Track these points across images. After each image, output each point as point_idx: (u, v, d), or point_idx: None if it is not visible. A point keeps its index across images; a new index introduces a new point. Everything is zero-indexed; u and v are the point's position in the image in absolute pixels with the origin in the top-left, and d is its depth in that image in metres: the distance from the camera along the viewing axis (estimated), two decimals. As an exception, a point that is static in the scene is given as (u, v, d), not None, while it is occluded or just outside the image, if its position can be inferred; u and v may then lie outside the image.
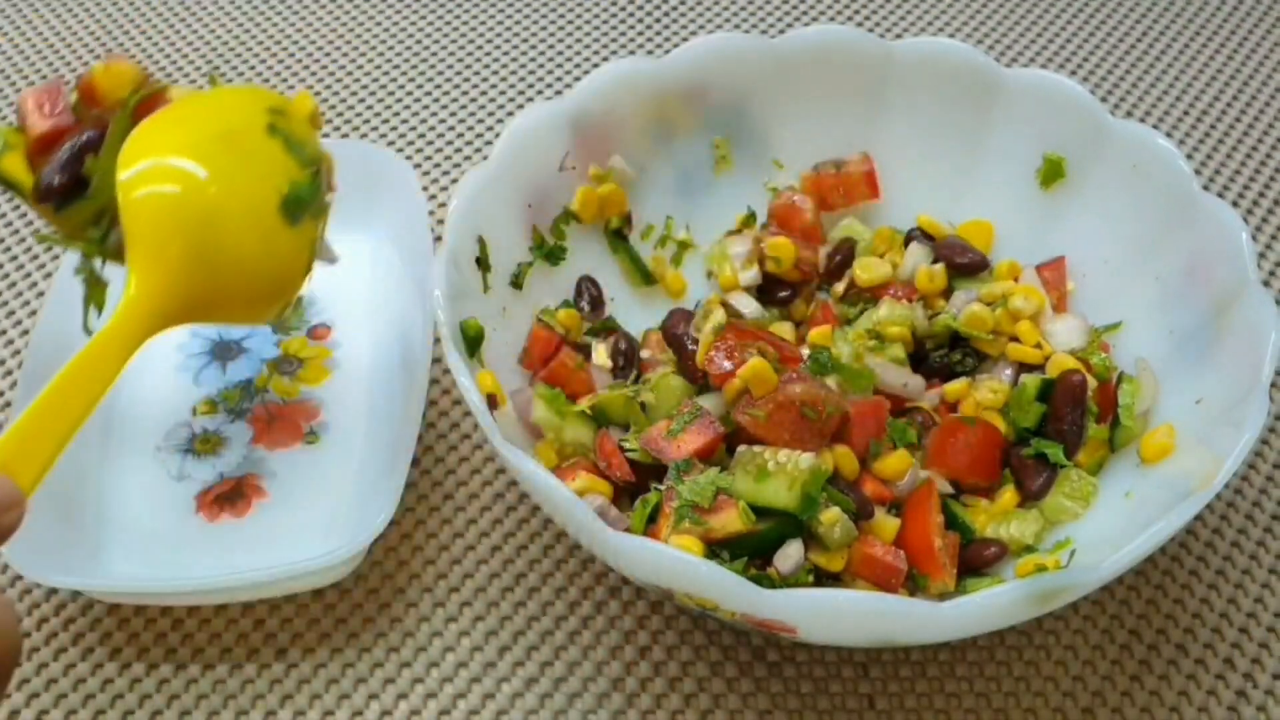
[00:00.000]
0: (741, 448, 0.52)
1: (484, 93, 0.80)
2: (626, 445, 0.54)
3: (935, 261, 0.60)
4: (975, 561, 0.53)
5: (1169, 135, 0.76)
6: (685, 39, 0.82)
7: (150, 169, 0.47)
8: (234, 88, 0.52)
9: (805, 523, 0.50)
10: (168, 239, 0.46)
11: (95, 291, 0.52)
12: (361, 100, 0.79)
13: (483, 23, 0.84)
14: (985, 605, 0.43)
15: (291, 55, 0.82)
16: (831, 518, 0.50)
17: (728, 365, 0.54)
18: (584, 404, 0.55)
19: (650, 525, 0.51)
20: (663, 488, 0.51)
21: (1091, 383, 0.55)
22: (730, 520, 0.49)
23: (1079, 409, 0.54)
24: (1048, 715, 0.53)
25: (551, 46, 0.83)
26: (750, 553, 0.50)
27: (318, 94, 0.79)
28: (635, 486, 0.54)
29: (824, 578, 0.51)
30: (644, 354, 0.59)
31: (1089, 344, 0.58)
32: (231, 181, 0.48)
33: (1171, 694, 0.54)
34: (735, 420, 0.53)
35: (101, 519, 0.57)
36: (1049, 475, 0.55)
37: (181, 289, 0.46)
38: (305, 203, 0.50)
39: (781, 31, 0.81)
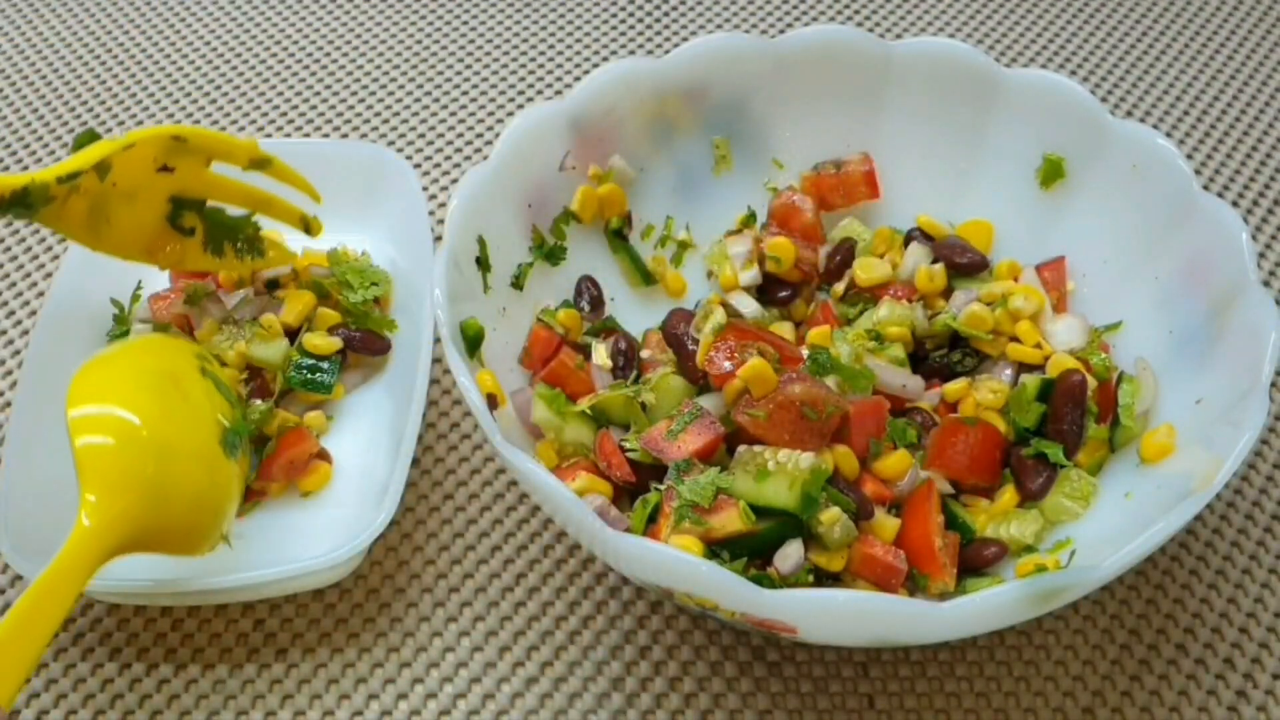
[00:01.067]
0: (741, 448, 0.52)
1: (484, 93, 0.80)
2: (627, 445, 0.54)
3: (935, 262, 0.60)
4: (975, 561, 0.53)
5: (1169, 135, 0.76)
6: (685, 39, 0.82)
7: (100, 415, 0.50)
8: (159, 335, 0.58)
9: (805, 523, 0.50)
10: (122, 477, 0.49)
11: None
12: (361, 100, 0.79)
13: (483, 23, 0.84)
14: (985, 605, 0.43)
15: (291, 55, 0.82)
16: (831, 517, 0.50)
17: (728, 366, 0.54)
18: (584, 404, 0.55)
19: (650, 525, 0.51)
20: (662, 488, 0.51)
21: (1091, 382, 0.55)
22: (730, 520, 0.49)
23: (1079, 409, 0.54)
24: (1048, 715, 0.53)
25: (551, 46, 0.83)
26: (750, 553, 0.50)
27: (318, 94, 0.79)
28: (635, 487, 0.54)
29: (824, 578, 0.51)
30: (644, 354, 0.59)
31: (1089, 344, 0.58)
32: (178, 421, 0.52)
33: (1171, 694, 0.54)
34: (735, 420, 0.53)
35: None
36: (1049, 475, 0.55)
37: (131, 523, 0.48)
38: (239, 436, 0.54)
39: (781, 31, 0.81)
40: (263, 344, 0.60)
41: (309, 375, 0.60)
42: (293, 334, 0.62)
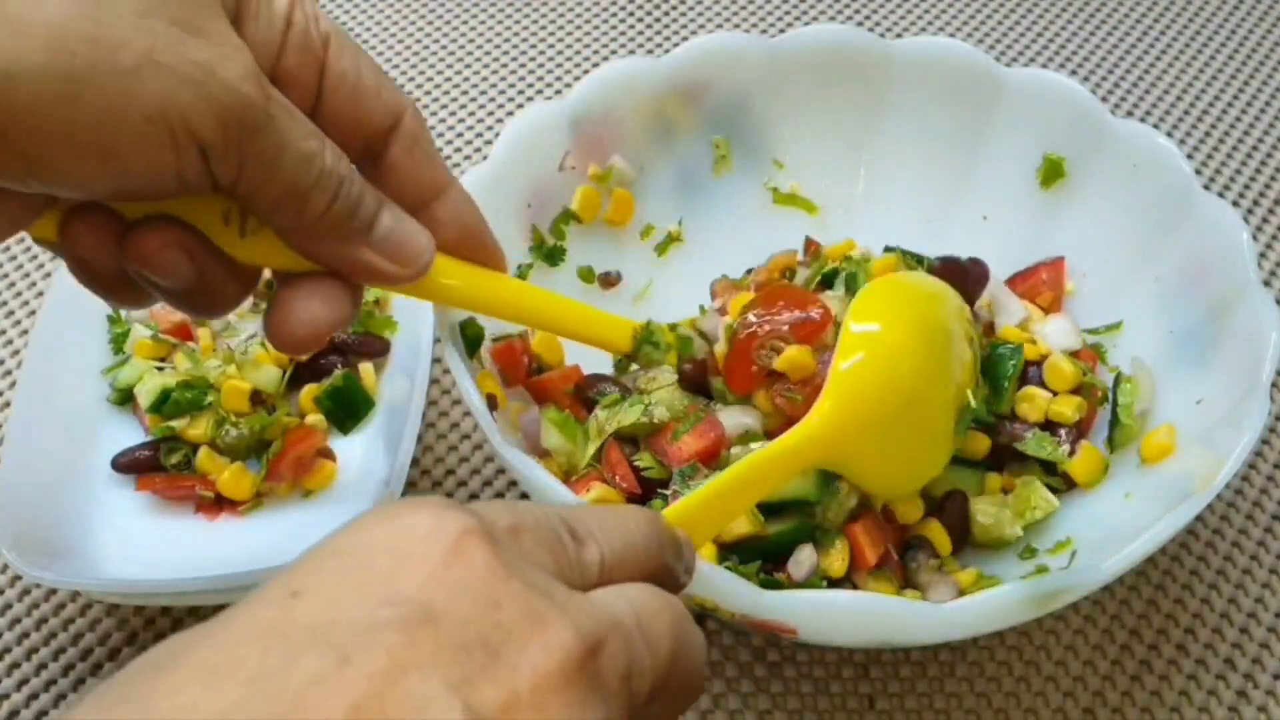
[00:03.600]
0: (737, 449, 0.51)
1: (484, 93, 0.80)
2: (641, 464, 0.53)
3: None
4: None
5: (1169, 135, 0.76)
6: (685, 39, 0.82)
7: (875, 335, 0.51)
8: (945, 285, 0.56)
9: (814, 527, 0.50)
10: (869, 399, 0.50)
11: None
12: (361, 100, 0.79)
13: (483, 22, 0.84)
14: (985, 606, 0.43)
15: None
16: (847, 493, 0.51)
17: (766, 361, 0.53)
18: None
19: None
20: (668, 494, 0.51)
21: (1068, 375, 0.56)
22: (739, 522, 0.49)
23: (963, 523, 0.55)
24: (1048, 715, 0.53)
25: (551, 46, 0.83)
26: (762, 557, 0.50)
27: (317, 94, 0.79)
28: (642, 497, 0.53)
29: (832, 584, 0.51)
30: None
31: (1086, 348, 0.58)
32: (935, 375, 0.51)
33: (1172, 694, 0.54)
34: (774, 403, 0.52)
35: (102, 519, 0.57)
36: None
37: (859, 434, 0.49)
38: (970, 420, 0.54)
39: (781, 31, 0.81)
40: (256, 369, 0.60)
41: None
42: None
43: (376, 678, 0.25)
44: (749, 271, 0.61)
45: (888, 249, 0.63)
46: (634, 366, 0.56)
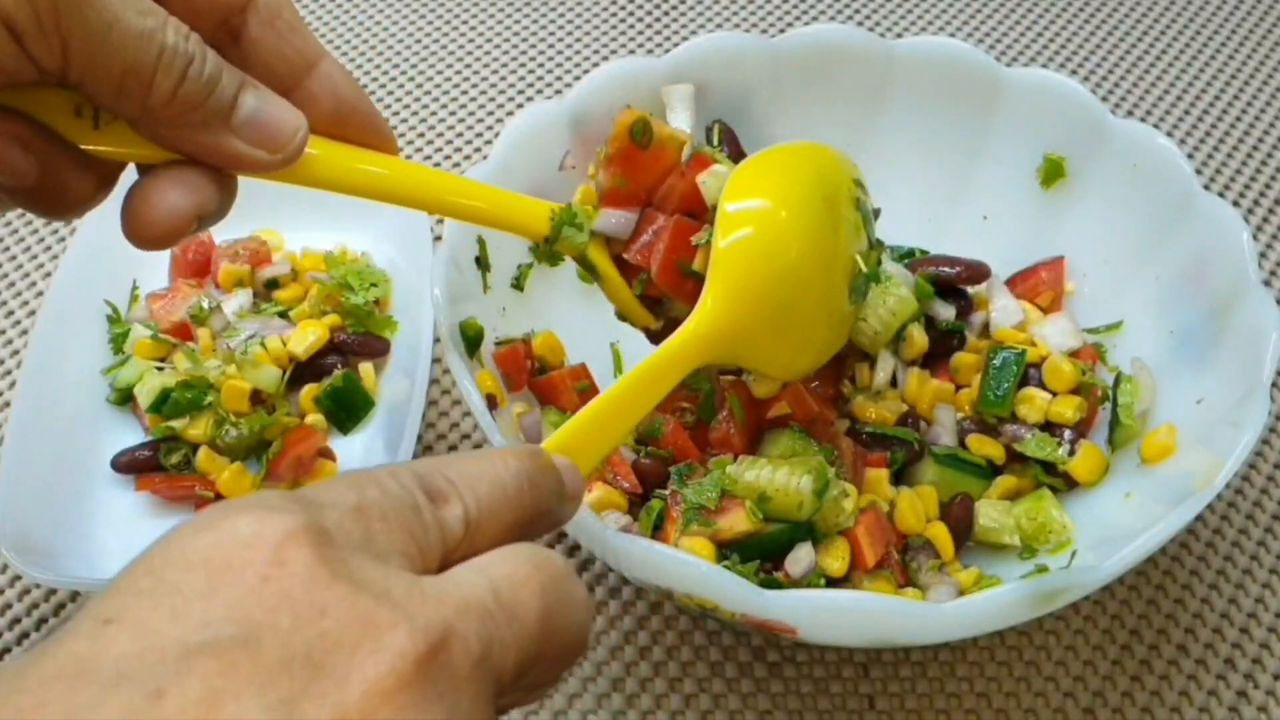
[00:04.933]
0: (742, 458, 0.51)
1: (484, 93, 0.80)
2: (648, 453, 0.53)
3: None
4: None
5: (1169, 135, 0.76)
6: (685, 39, 0.82)
7: (754, 210, 0.48)
8: (828, 147, 0.54)
9: (813, 525, 0.50)
10: (749, 281, 0.47)
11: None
12: (361, 100, 0.79)
13: (483, 22, 0.84)
14: (986, 606, 0.43)
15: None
16: (841, 493, 0.50)
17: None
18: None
19: (656, 533, 0.51)
20: (666, 493, 0.51)
21: (1067, 376, 0.56)
22: (738, 520, 0.49)
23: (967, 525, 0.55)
24: (1048, 715, 0.53)
25: (551, 46, 0.83)
26: (760, 555, 0.50)
27: (317, 94, 0.79)
28: (643, 496, 0.53)
29: (832, 584, 0.51)
30: None
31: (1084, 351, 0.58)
32: (822, 243, 0.49)
33: (1172, 694, 0.54)
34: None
35: (102, 519, 0.57)
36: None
37: (747, 325, 0.47)
38: (867, 284, 0.51)
39: (781, 31, 0.81)
40: (255, 369, 0.59)
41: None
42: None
43: (190, 708, 0.24)
44: None
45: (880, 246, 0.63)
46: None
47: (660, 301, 0.50)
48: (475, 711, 0.27)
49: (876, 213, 0.54)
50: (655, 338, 0.51)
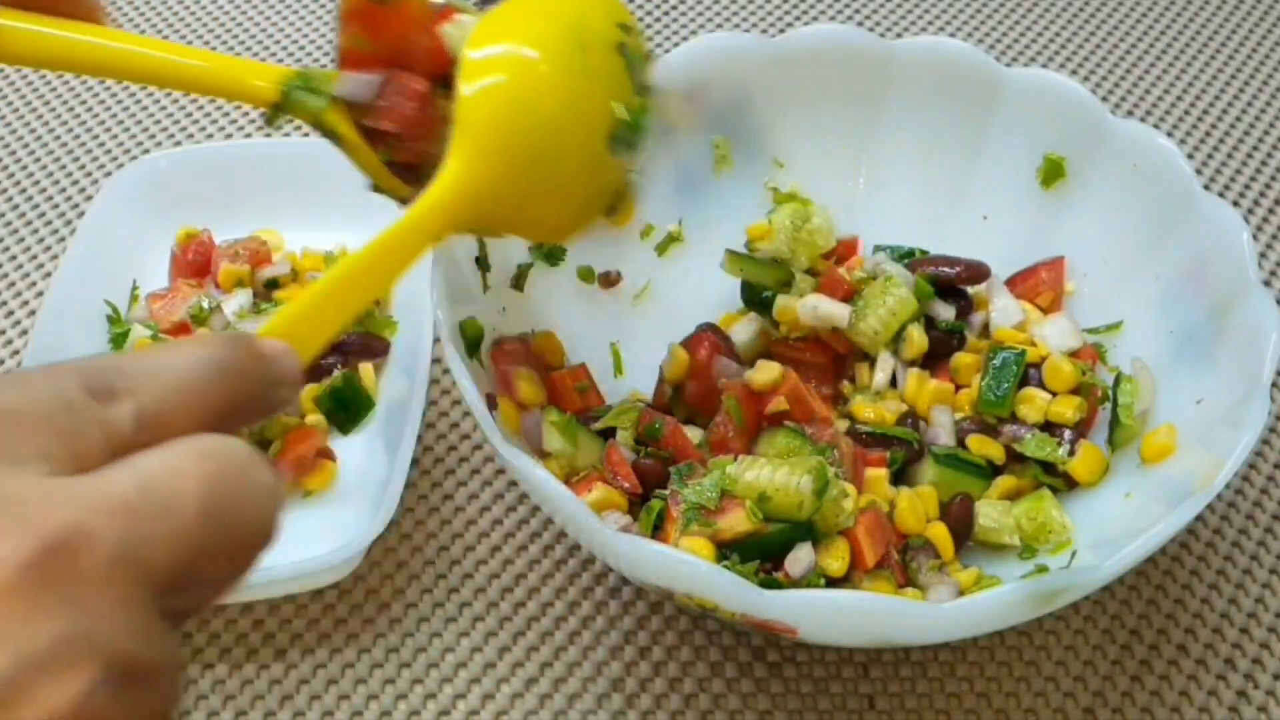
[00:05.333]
0: (743, 458, 0.51)
1: (484, 93, 0.79)
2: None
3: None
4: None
5: (1169, 135, 0.76)
6: (685, 39, 0.82)
7: (499, 58, 0.44)
8: None
9: (813, 524, 0.50)
10: (500, 136, 0.43)
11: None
12: (361, 100, 0.79)
13: (482, 23, 0.84)
14: (986, 606, 0.43)
15: (291, 55, 0.82)
16: (840, 493, 0.50)
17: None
18: (601, 424, 0.55)
19: (656, 533, 0.51)
20: (666, 493, 0.51)
21: (1067, 376, 0.56)
22: (738, 520, 0.49)
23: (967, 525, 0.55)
24: (1048, 715, 0.53)
25: (551, 46, 0.82)
26: (760, 555, 0.50)
27: (317, 94, 0.79)
28: (643, 496, 0.53)
29: (832, 584, 0.51)
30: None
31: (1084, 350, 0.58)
32: (573, 95, 0.44)
33: (1172, 694, 0.54)
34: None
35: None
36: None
37: (497, 187, 0.43)
38: (632, 135, 0.46)
39: (781, 31, 0.81)
40: None
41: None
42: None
43: None
44: None
45: (877, 248, 0.63)
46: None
47: (415, 168, 0.46)
48: (116, 617, 0.25)
49: (648, 55, 0.49)
50: None
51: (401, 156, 0.46)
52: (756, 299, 0.62)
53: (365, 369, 0.61)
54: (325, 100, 0.45)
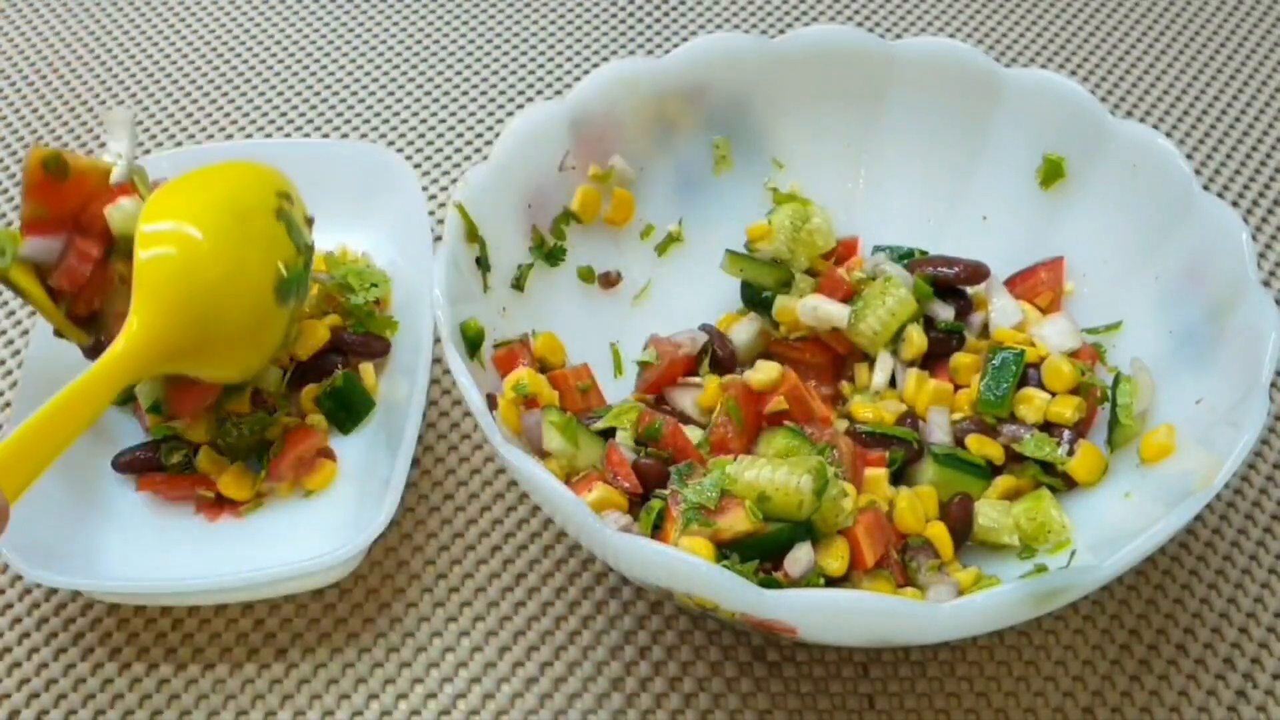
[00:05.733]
0: (743, 457, 0.52)
1: (484, 93, 0.80)
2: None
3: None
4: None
5: (1169, 135, 0.76)
6: (685, 39, 0.82)
7: (169, 232, 0.52)
8: (250, 164, 0.58)
9: (812, 524, 0.50)
10: (173, 297, 0.51)
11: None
12: (361, 100, 0.79)
13: (483, 23, 0.84)
14: (985, 605, 0.43)
15: (291, 55, 0.82)
16: (840, 493, 0.50)
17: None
18: (601, 425, 0.55)
19: (656, 533, 0.51)
20: (665, 493, 0.51)
21: (1066, 376, 0.56)
22: (737, 520, 0.49)
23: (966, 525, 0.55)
24: (1048, 715, 0.53)
25: (551, 46, 0.83)
26: (760, 555, 0.50)
27: (317, 94, 0.79)
28: (644, 496, 0.53)
29: (832, 584, 0.51)
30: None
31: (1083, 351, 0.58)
32: (239, 258, 0.53)
33: (1171, 694, 0.54)
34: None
35: (102, 519, 0.57)
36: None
37: (174, 341, 0.51)
38: (295, 286, 0.55)
39: (781, 31, 0.81)
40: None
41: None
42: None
43: None
44: None
45: (877, 248, 0.63)
46: None
47: (94, 318, 0.55)
48: None
49: (310, 221, 0.58)
50: (91, 353, 0.55)
51: (80, 309, 0.55)
52: (756, 299, 0.62)
53: (365, 369, 0.61)
54: (10, 260, 0.53)
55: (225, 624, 0.56)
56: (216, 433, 0.58)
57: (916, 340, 0.58)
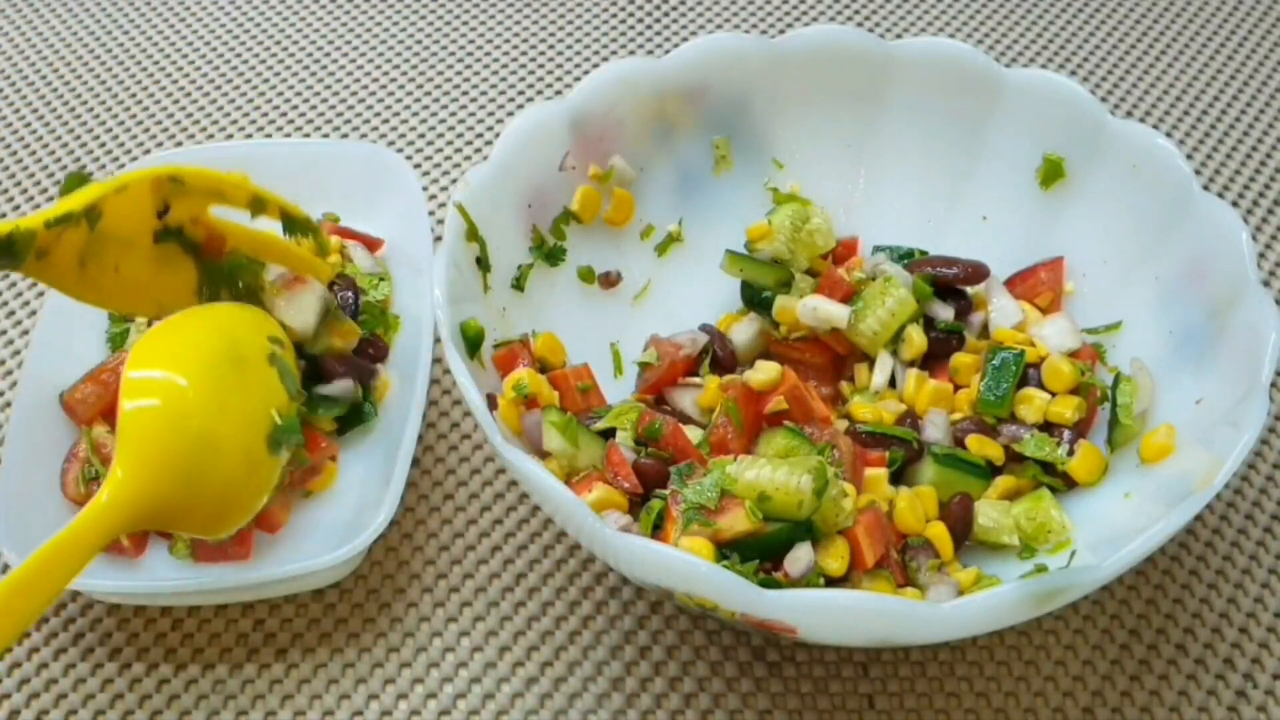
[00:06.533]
0: (743, 457, 0.52)
1: (484, 93, 0.80)
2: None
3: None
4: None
5: (1169, 135, 0.76)
6: (685, 39, 0.82)
7: (157, 381, 0.49)
8: (241, 307, 0.55)
9: (812, 524, 0.50)
10: (160, 452, 0.48)
11: None
12: (361, 100, 0.79)
13: (483, 23, 0.84)
14: (985, 606, 0.43)
15: (291, 55, 0.82)
16: (840, 493, 0.50)
17: None
18: (601, 425, 0.55)
19: (657, 533, 0.51)
20: (666, 493, 0.51)
21: (1066, 376, 0.56)
22: (737, 520, 0.49)
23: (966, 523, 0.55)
24: (1047, 715, 0.53)
25: (551, 46, 0.83)
26: (760, 555, 0.50)
27: (317, 94, 0.79)
28: (644, 496, 0.53)
29: (832, 584, 0.51)
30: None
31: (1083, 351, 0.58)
32: (229, 407, 0.50)
33: (1171, 694, 0.54)
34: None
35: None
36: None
37: (160, 498, 0.48)
38: (288, 435, 0.52)
39: (781, 31, 0.81)
40: None
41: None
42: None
43: None
44: None
45: (877, 248, 0.63)
46: None
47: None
48: None
49: (302, 366, 0.56)
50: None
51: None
52: (756, 299, 0.62)
53: (383, 380, 0.61)
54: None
55: (225, 624, 0.56)
56: None
57: (916, 340, 0.58)
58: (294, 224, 0.58)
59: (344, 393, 0.58)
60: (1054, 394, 0.56)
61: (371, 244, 0.65)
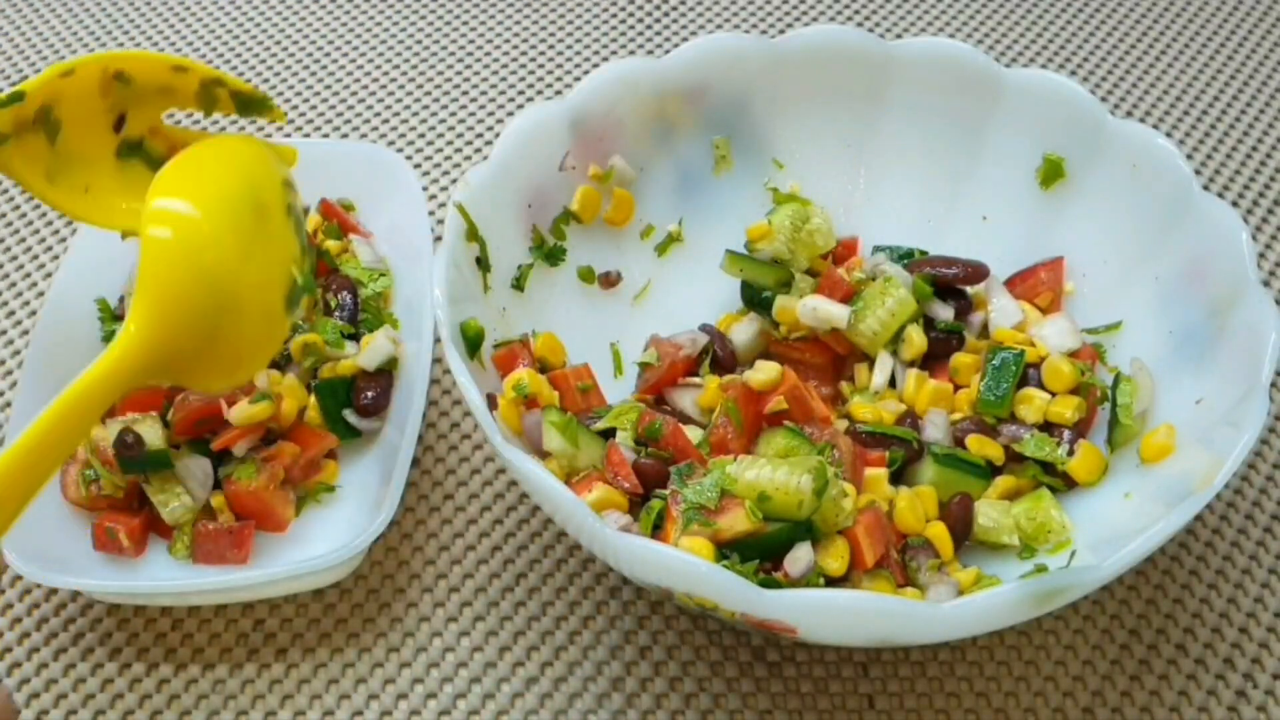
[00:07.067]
0: (743, 457, 0.52)
1: (484, 93, 0.80)
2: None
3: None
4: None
5: (1169, 135, 0.76)
6: (685, 39, 0.82)
7: (183, 219, 0.46)
8: (259, 143, 0.52)
9: (812, 524, 0.50)
10: (182, 299, 0.45)
11: None
12: (361, 100, 0.79)
13: (483, 23, 0.84)
14: (985, 605, 0.43)
15: (291, 55, 0.82)
16: (841, 493, 0.50)
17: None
18: (601, 425, 0.55)
19: (657, 533, 0.51)
20: (666, 493, 0.51)
21: (1066, 376, 0.56)
22: (737, 520, 0.49)
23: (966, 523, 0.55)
24: (1047, 715, 0.53)
25: (551, 46, 0.83)
26: (760, 555, 0.50)
27: (318, 94, 0.79)
28: (644, 496, 0.53)
29: (832, 583, 0.51)
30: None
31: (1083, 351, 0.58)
32: (254, 263, 0.47)
33: (1171, 694, 0.54)
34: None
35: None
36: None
37: (176, 347, 0.45)
38: (305, 294, 0.50)
39: (781, 31, 0.81)
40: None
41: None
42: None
43: None
44: None
45: (877, 248, 0.63)
46: None
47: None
48: None
49: (306, 210, 0.52)
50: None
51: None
52: (756, 299, 0.62)
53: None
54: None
55: (225, 624, 0.56)
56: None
57: (916, 340, 0.58)
58: (249, 103, 0.56)
59: (371, 430, 0.58)
60: (1054, 394, 0.56)
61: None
